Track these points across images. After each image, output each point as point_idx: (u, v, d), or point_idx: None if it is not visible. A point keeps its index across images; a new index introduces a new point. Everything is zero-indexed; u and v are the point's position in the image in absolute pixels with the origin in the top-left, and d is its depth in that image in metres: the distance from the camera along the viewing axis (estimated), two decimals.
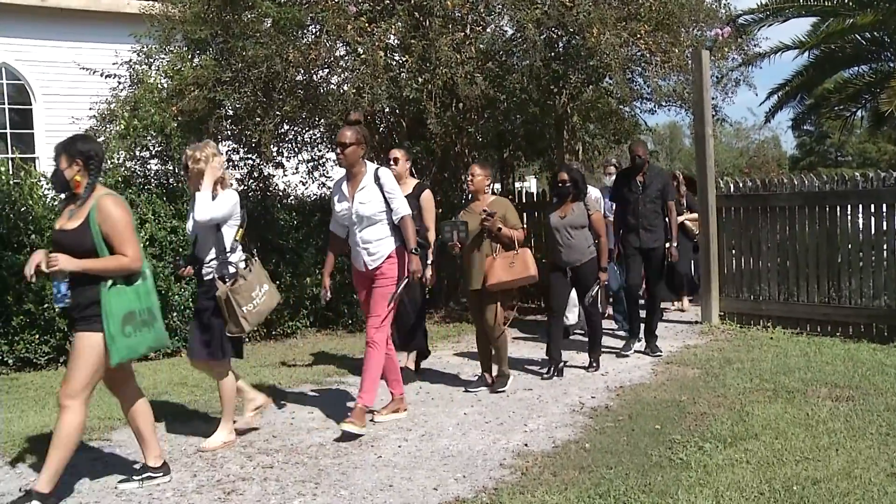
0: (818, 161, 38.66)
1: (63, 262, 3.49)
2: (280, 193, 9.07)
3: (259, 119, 7.76)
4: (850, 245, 7.05)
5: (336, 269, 6.94)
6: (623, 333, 7.19)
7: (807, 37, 15.29)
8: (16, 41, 11.22)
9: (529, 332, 7.78)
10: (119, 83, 8.69)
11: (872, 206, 6.84)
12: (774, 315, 7.47)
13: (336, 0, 7.35)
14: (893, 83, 12.61)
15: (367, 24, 7.37)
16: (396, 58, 8.05)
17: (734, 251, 7.90)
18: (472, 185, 5.71)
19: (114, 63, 8.70)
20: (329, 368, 6.51)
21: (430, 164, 9.08)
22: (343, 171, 4.91)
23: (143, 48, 8.50)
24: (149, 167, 8.39)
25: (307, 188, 9.38)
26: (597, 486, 3.66)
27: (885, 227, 6.74)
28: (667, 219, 6.66)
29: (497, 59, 8.52)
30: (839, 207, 7.09)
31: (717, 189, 7.97)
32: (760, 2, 14.32)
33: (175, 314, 7.20)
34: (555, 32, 8.21)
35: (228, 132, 8.58)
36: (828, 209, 7.15)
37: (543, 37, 7.80)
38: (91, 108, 8.65)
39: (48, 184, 6.74)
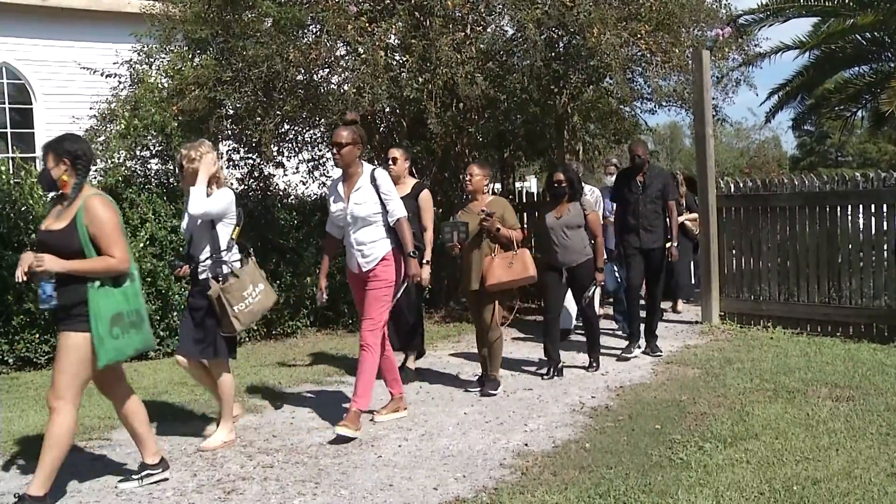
0: (818, 161, 38.66)
1: (49, 263, 3.45)
2: (280, 193, 9.07)
3: (259, 119, 7.77)
4: (851, 245, 7.05)
5: (336, 269, 6.96)
6: (622, 333, 7.19)
7: (807, 37, 15.27)
8: (16, 40, 11.23)
9: (529, 333, 7.78)
10: (119, 83, 8.70)
11: (873, 207, 6.84)
12: (775, 315, 7.47)
13: (336, 0, 7.35)
14: (894, 83, 12.59)
15: (368, 24, 7.37)
16: (397, 58, 8.05)
17: (734, 251, 7.91)
18: (471, 185, 5.68)
19: (114, 62, 8.71)
20: (329, 368, 6.51)
21: (431, 164, 9.08)
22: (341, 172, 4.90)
23: (144, 48, 8.50)
24: (149, 167, 8.40)
25: (307, 188, 9.39)
26: (597, 486, 3.66)
27: (886, 228, 6.75)
28: (667, 219, 6.66)
29: (497, 59, 8.53)
30: (839, 207, 7.09)
31: (718, 189, 7.97)
32: (761, 2, 14.30)
33: (175, 314, 7.19)
34: (555, 32, 8.21)
35: (229, 132, 8.59)
36: (828, 209, 7.15)
37: (544, 37, 7.81)
38: (91, 108, 8.65)
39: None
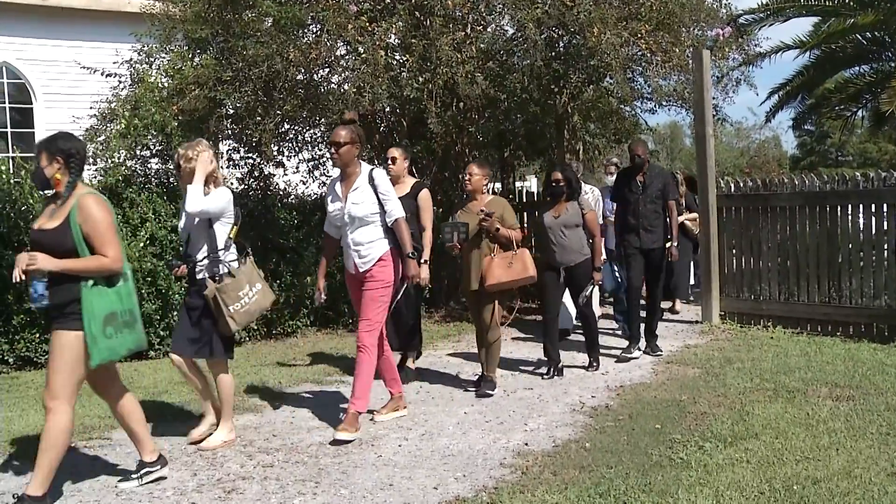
0: (819, 161, 38.65)
1: (41, 262, 3.43)
2: (280, 192, 9.07)
3: (259, 118, 7.77)
4: (851, 245, 7.05)
5: (336, 269, 6.95)
6: (622, 333, 7.19)
7: (808, 36, 15.27)
8: (16, 40, 11.25)
9: (529, 333, 7.78)
10: (120, 82, 8.70)
11: (873, 206, 6.84)
12: (775, 315, 7.47)
13: None
14: (894, 83, 12.59)
15: (368, 24, 7.37)
16: (397, 57, 8.05)
17: (735, 251, 7.90)
18: (470, 185, 5.66)
19: (114, 62, 8.71)
20: (329, 368, 6.51)
21: (431, 164, 9.09)
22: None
23: (144, 47, 8.51)
24: (149, 166, 8.40)
25: (307, 187, 9.39)
26: (597, 486, 3.66)
27: (886, 227, 6.75)
28: (667, 219, 6.65)
29: (498, 59, 8.53)
30: (840, 207, 7.09)
31: (718, 189, 7.97)
32: (761, 1, 14.29)
33: (175, 314, 7.19)
34: (555, 32, 8.22)
35: (229, 131, 8.59)
36: (828, 209, 7.15)
37: (544, 36, 7.81)
38: (92, 107, 8.65)
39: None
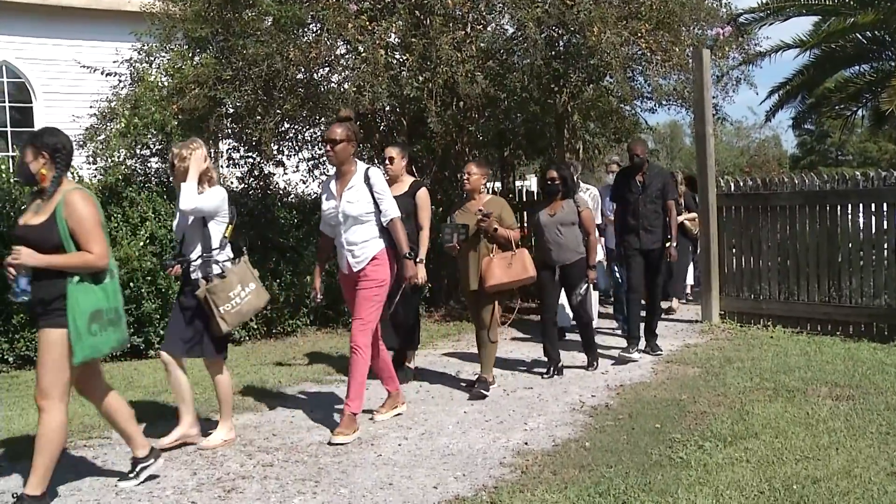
0: (819, 160, 38.61)
1: (25, 257, 3.40)
2: (280, 192, 9.08)
3: (259, 117, 7.77)
4: (851, 244, 7.05)
5: (335, 267, 6.94)
6: (622, 333, 7.18)
7: (808, 36, 15.25)
8: (16, 39, 11.25)
9: (529, 332, 7.78)
10: (120, 81, 8.70)
11: (873, 206, 6.84)
12: (775, 314, 7.47)
13: None
14: (894, 82, 12.58)
15: (368, 23, 7.37)
16: (397, 56, 8.05)
17: (735, 250, 7.90)
18: (469, 185, 5.62)
19: (114, 61, 8.72)
20: (329, 367, 6.51)
21: (431, 163, 9.09)
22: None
23: (144, 46, 8.51)
24: (149, 165, 8.41)
25: (307, 186, 9.40)
26: (597, 485, 3.66)
27: (886, 227, 6.75)
28: (667, 218, 6.63)
29: (498, 58, 8.53)
30: (840, 206, 7.09)
31: (718, 188, 7.97)
32: (761, 1, 14.28)
33: None
34: (555, 31, 8.21)
35: (229, 130, 8.60)
36: (828, 208, 7.15)
37: (544, 35, 7.81)
38: (92, 106, 8.66)
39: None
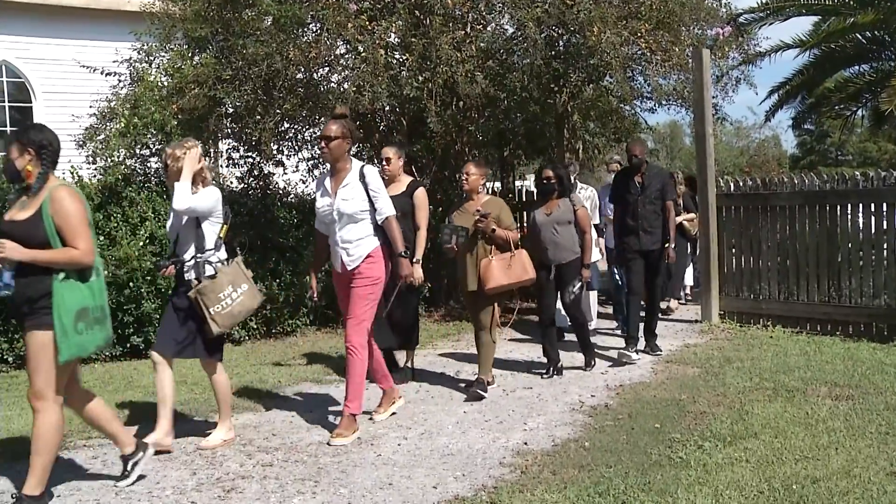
0: (818, 160, 38.60)
1: (10, 250, 3.37)
2: (280, 192, 9.07)
3: (259, 117, 7.77)
4: (851, 244, 7.05)
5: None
6: (622, 333, 7.18)
7: (807, 36, 15.25)
8: (16, 39, 11.26)
9: (528, 333, 7.77)
10: (119, 81, 8.70)
11: (873, 206, 6.84)
12: (774, 314, 7.47)
13: None
14: (894, 82, 12.57)
15: (368, 23, 7.37)
16: (397, 56, 8.05)
17: (734, 250, 7.90)
18: (468, 185, 5.60)
19: (114, 61, 8.71)
20: (328, 367, 6.51)
21: (431, 163, 9.08)
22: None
23: (144, 46, 8.51)
24: (149, 165, 8.40)
25: (307, 186, 9.39)
26: (596, 485, 3.66)
27: (886, 227, 6.75)
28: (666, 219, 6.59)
29: (497, 58, 8.52)
30: (839, 207, 7.09)
31: (718, 188, 7.97)
32: (761, 1, 14.28)
33: None
34: (555, 31, 8.21)
35: (228, 130, 8.59)
36: (828, 208, 7.15)
37: (544, 35, 7.80)
38: (91, 106, 8.66)
39: None
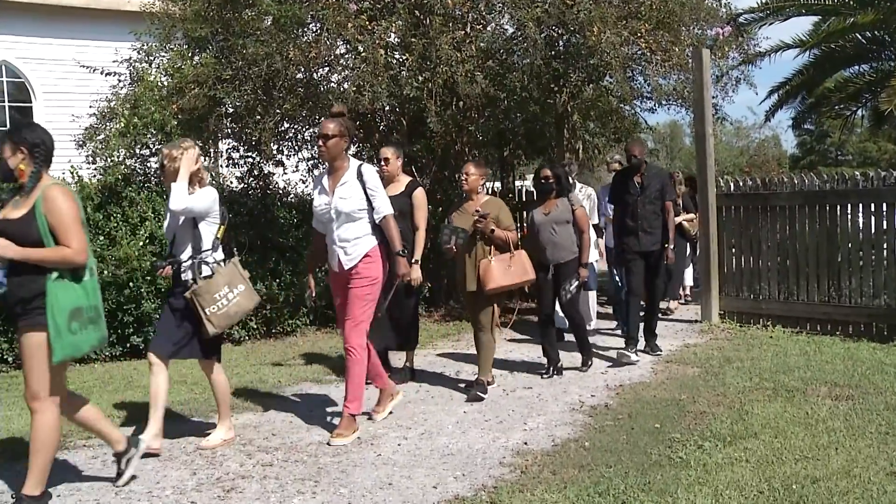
0: (818, 160, 38.60)
1: (2, 249, 3.36)
2: (280, 191, 9.07)
3: (259, 117, 7.77)
4: (851, 244, 7.05)
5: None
6: (621, 333, 7.18)
7: (807, 36, 15.24)
8: (16, 38, 11.26)
9: (528, 333, 7.77)
10: (119, 81, 8.71)
11: (873, 206, 6.84)
12: (774, 314, 7.47)
13: None
14: (894, 82, 12.56)
15: (368, 23, 7.37)
16: (397, 56, 8.04)
17: (734, 250, 7.90)
18: (467, 185, 5.58)
19: (114, 61, 8.72)
20: (328, 366, 6.51)
21: (431, 163, 9.08)
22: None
23: (144, 46, 8.51)
24: (149, 165, 8.41)
25: (307, 186, 9.39)
26: (596, 485, 3.66)
27: (886, 227, 6.75)
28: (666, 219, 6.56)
29: (497, 58, 8.52)
30: (839, 206, 7.09)
31: (718, 188, 7.97)
32: (761, 1, 14.27)
33: None
34: (555, 31, 8.21)
35: (228, 130, 8.60)
36: (828, 208, 7.15)
37: (544, 35, 7.80)
38: (91, 106, 8.66)
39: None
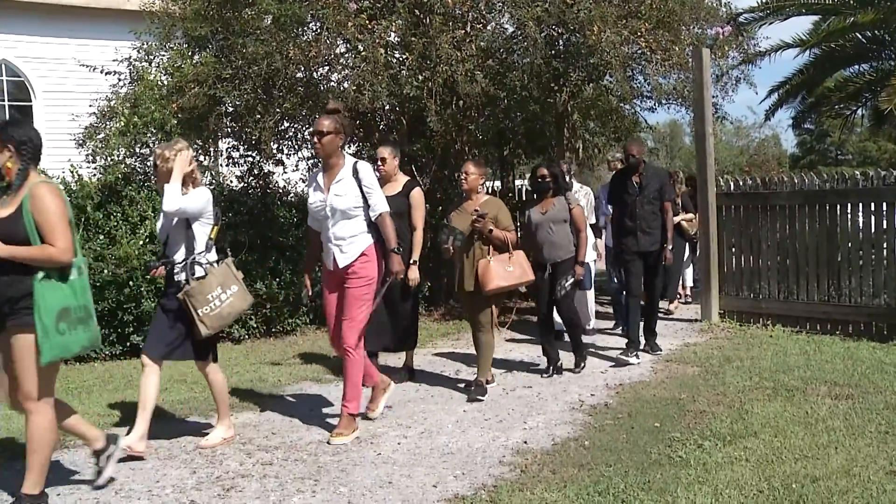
0: (818, 159, 38.60)
1: None
2: (280, 191, 9.07)
3: (259, 116, 7.77)
4: (850, 244, 7.05)
5: None
6: (621, 333, 7.18)
7: (807, 35, 15.24)
8: (16, 38, 11.26)
9: (528, 332, 7.77)
10: (119, 80, 8.71)
11: (872, 205, 6.84)
12: (774, 313, 7.47)
13: None
14: (894, 81, 12.57)
15: (368, 22, 7.37)
16: (397, 55, 8.04)
17: (734, 249, 7.90)
18: (466, 184, 5.56)
19: (114, 60, 8.72)
20: (328, 365, 6.51)
21: (431, 162, 9.08)
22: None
23: (144, 45, 8.51)
24: (149, 164, 8.40)
25: (307, 185, 9.39)
26: (596, 484, 3.66)
27: (886, 226, 6.75)
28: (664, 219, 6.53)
29: (497, 57, 8.52)
30: (839, 206, 7.09)
31: (718, 187, 7.96)
32: (761, 0, 14.27)
33: None
34: (555, 30, 8.21)
35: (228, 129, 8.60)
36: (828, 208, 7.15)
37: (544, 34, 7.80)
38: (91, 105, 8.66)
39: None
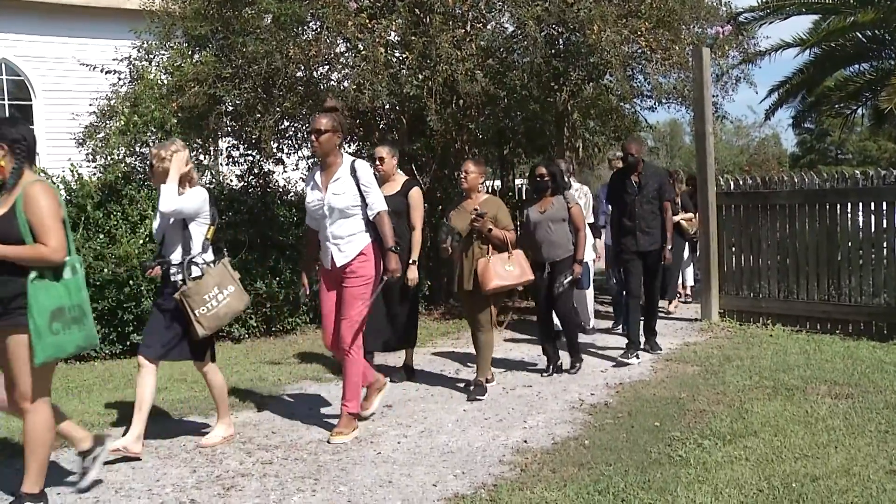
0: (818, 159, 38.60)
1: None
2: (280, 190, 9.08)
3: (259, 115, 7.77)
4: (850, 243, 7.05)
5: None
6: (621, 333, 7.18)
7: (807, 34, 15.24)
8: (16, 36, 11.27)
9: (527, 332, 7.77)
10: (119, 79, 8.71)
11: (872, 204, 6.84)
12: (774, 312, 7.47)
13: None
14: (894, 81, 12.56)
15: (368, 21, 7.37)
16: (397, 54, 8.04)
17: (734, 249, 7.90)
18: (466, 183, 5.55)
19: (114, 59, 8.72)
20: (328, 365, 6.51)
21: (431, 161, 9.09)
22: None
23: (144, 44, 8.52)
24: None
25: (305, 184, 9.39)
26: (596, 483, 3.66)
27: (886, 225, 6.75)
28: (664, 219, 6.51)
29: (498, 56, 8.52)
30: (839, 205, 7.09)
31: (718, 186, 7.96)
32: None
33: None
34: (555, 29, 8.20)
35: (228, 128, 8.60)
36: (828, 207, 7.15)
37: (544, 34, 7.80)
38: (91, 104, 8.67)
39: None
